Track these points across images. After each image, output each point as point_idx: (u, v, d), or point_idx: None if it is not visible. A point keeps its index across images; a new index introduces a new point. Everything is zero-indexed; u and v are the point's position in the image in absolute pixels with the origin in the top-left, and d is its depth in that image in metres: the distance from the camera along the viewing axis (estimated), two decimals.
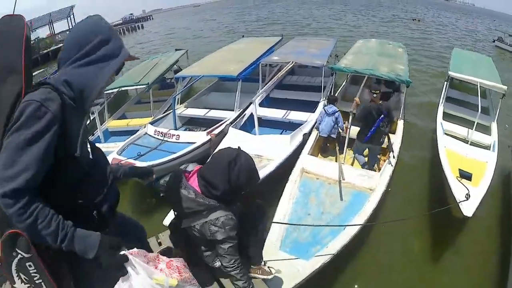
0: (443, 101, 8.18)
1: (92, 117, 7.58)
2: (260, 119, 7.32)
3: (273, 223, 4.35)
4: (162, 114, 8.56)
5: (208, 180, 2.13)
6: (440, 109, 7.81)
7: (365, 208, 4.71)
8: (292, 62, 8.52)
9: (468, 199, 4.36)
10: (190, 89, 11.23)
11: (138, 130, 7.59)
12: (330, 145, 6.88)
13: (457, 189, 4.68)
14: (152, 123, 7.74)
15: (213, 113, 8.13)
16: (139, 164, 5.74)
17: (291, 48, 10.44)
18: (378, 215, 5.14)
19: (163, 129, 7.34)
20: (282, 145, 6.27)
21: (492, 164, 5.62)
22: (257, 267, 2.72)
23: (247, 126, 7.50)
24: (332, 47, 10.41)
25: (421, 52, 18.68)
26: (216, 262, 2.28)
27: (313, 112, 7.52)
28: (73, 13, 38.10)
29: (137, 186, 6.29)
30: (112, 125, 8.47)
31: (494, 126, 7.19)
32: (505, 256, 4.77)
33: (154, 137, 7.25)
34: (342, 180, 5.27)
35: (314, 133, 6.75)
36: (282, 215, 4.69)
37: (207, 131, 6.96)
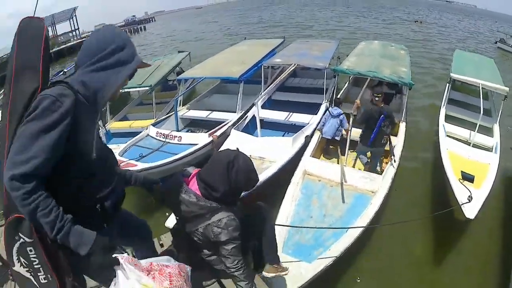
0: (445, 103, 8.16)
1: None
2: (262, 121, 7.34)
3: (276, 225, 4.35)
4: (164, 116, 8.55)
5: (208, 183, 2.13)
6: (442, 111, 7.80)
7: (367, 211, 4.69)
8: (294, 64, 8.52)
9: (471, 201, 4.34)
10: (192, 91, 11.26)
11: (140, 132, 7.58)
12: (333, 147, 6.88)
13: (459, 191, 4.65)
14: (154, 125, 7.74)
15: (215, 115, 8.13)
16: (141, 166, 5.75)
17: (293, 50, 10.43)
18: (381, 218, 5.13)
19: (165, 131, 7.33)
20: (284, 147, 6.26)
21: (495, 166, 5.60)
22: (276, 266, 2.75)
23: (249, 128, 7.49)
24: (334, 49, 10.42)
25: (423, 54, 18.66)
26: (220, 265, 2.29)
27: (315, 114, 7.52)
28: (76, 15, 38.26)
29: (139, 188, 6.27)
30: (114, 127, 8.47)
31: (497, 128, 7.17)
32: (507, 258, 4.77)
33: (156, 139, 7.25)
34: (344, 183, 5.27)
35: (317, 135, 6.74)
36: (285, 218, 4.68)
37: (209, 133, 6.95)
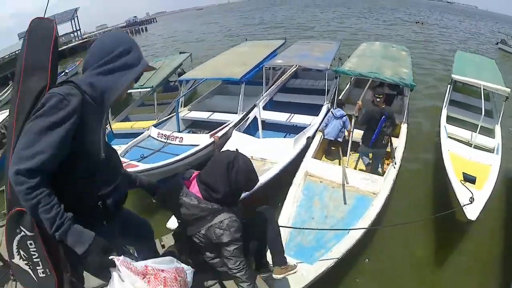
0: (447, 104, 8.16)
1: None
2: (264, 122, 7.33)
3: None
4: (166, 117, 8.56)
5: (209, 184, 2.14)
6: (444, 112, 7.80)
7: (369, 212, 4.69)
8: (296, 66, 8.50)
9: (472, 203, 4.33)
10: (194, 92, 11.27)
11: (142, 133, 7.59)
12: (334, 149, 6.88)
13: (461, 193, 4.64)
14: (156, 126, 7.75)
15: (217, 116, 8.13)
16: (142, 166, 5.77)
17: (295, 52, 10.44)
18: (382, 219, 5.13)
19: (167, 132, 7.35)
20: (286, 149, 6.26)
21: (496, 167, 5.60)
22: (283, 268, 2.76)
23: (251, 129, 7.49)
24: (336, 50, 10.42)
25: (425, 55, 18.64)
26: (223, 267, 2.29)
27: (317, 116, 7.53)
28: (77, 16, 38.32)
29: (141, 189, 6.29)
30: (116, 127, 8.47)
31: (498, 129, 7.16)
32: (509, 260, 4.77)
33: (158, 140, 7.26)
34: (346, 184, 5.26)
35: (318, 136, 6.74)
36: (286, 219, 4.68)
37: (211, 134, 6.96)
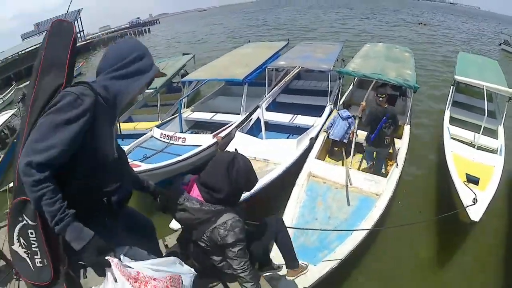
0: (450, 106, 8.14)
1: None
2: (267, 124, 7.34)
3: None
4: (169, 118, 8.60)
5: (210, 185, 2.14)
6: (447, 114, 7.78)
7: (372, 213, 4.70)
8: (299, 67, 8.52)
9: (475, 204, 4.31)
10: (197, 93, 11.31)
11: (145, 133, 7.63)
12: (337, 149, 6.88)
13: (464, 194, 4.64)
14: (159, 126, 7.79)
15: (219, 117, 8.15)
16: (145, 166, 5.78)
17: (298, 53, 10.45)
18: (385, 220, 5.13)
19: (169, 132, 7.38)
20: (289, 150, 6.27)
21: (499, 168, 5.59)
22: (296, 270, 2.81)
23: (254, 130, 7.52)
24: (339, 52, 10.40)
25: (428, 56, 18.57)
26: (229, 269, 2.29)
27: (320, 117, 7.55)
28: (80, 17, 38.51)
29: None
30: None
31: (501, 130, 7.14)
32: None
33: (160, 140, 7.30)
34: (349, 185, 5.26)
35: (321, 137, 6.74)
36: (290, 219, 4.69)
37: (213, 134, 6.99)
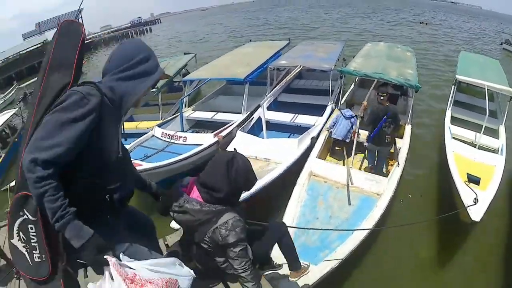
0: (451, 105, 8.14)
1: None
2: (268, 123, 7.36)
3: None
4: (170, 117, 8.62)
5: (210, 184, 2.12)
6: (448, 113, 7.78)
7: (373, 213, 4.70)
8: (300, 66, 8.52)
9: (476, 204, 4.31)
10: (198, 93, 11.31)
11: (146, 133, 7.64)
12: (339, 149, 6.88)
13: (465, 194, 4.64)
14: (160, 126, 7.80)
15: (220, 116, 8.17)
16: (146, 165, 5.79)
17: (299, 52, 10.45)
18: (386, 220, 5.13)
19: (170, 131, 7.39)
20: (290, 149, 6.28)
21: (500, 168, 5.58)
22: (299, 272, 2.87)
23: (255, 130, 7.52)
24: (340, 51, 10.42)
25: (429, 56, 18.56)
26: (232, 270, 2.28)
27: (321, 116, 7.55)
28: (82, 16, 38.45)
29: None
30: None
31: (502, 130, 7.14)
32: None
33: (161, 139, 7.31)
34: (350, 184, 5.27)
35: (322, 137, 6.75)
36: (291, 219, 4.70)
37: (214, 133, 7.00)
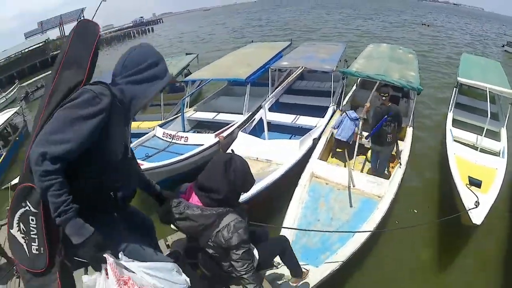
0: (452, 108, 8.13)
1: None
2: (270, 124, 7.37)
3: (283, 228, 4.36)
4: (171, 117, 8.63)
5: (208, 187, 2.10)
6: (450, 116, 7.77)
7: (374, 216, 4.69)
8: (302, 67, 8.52)
9: (477, 207, 4.31)
10: (200, 93, 11.33)
11: (148, 133, 7.65)
12: (340, 151, 6.87)
13: (466, 197, 4.63)
14: (161, 126, 7.81)
15: (222, 117, 8.17)
16: (147, 165, 5.79)
17: (301, 53, 10.47)
18: (387, 222, 5.13)
19: (172, 131, 7.40)
20: (292, 150, 6.28)
21: (502, 171, 5.57)
22: (299, 279, 2.93)
23: (257, 131, 7.52)
24: (342, 52, 10.42)
25: (431, 59, 18.53)
26: (235, 272, 2.27)
27: (323, 117, 7.55)
28: (84, 16, 38.54)
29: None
30: None
31: (504, 132, 7.13)
32: None
33: (163, 139, 7.32)
34: (352, 186, 5.25)
35: (324, 138, 6.75)
36: (292, 220, 4.69)
37: (215, 133, 7.00)
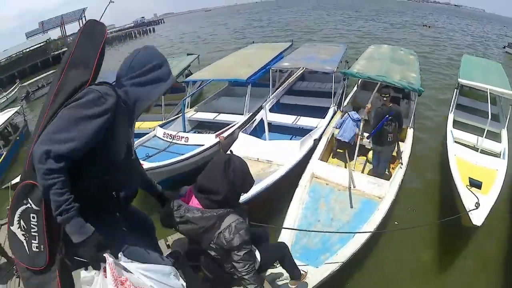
0: (453, 109, 8.12)
1: None
2: (270, 125, 7.38)
3: (283, 229, 4.37)
4: (172, 117, 8.63)
5: (208, 188, 2.10)
6: (450, 117, 7.75)
7: (374, 217, 4.68)
8: (303, 68, 8.52)
9: (478, 208, 4.30)
10: (200, 94, 11.33)
11: (149, 133, 7.65)
12: (341, 151, 6.87)
13: (467, 198, 4.62)
14: (162, 126, 7.82)
15: (223, 117, 8.18)
16: (147, 165, 5.78)
17: (302, 54, 10.47)
18: (387, 223, 5.13)
19: (172, 132, 7.40)
20: (292, 151, 6.28)
21: (502, 172, 5.57)
22: (298, 281, 2.95)
23: (257, 131, 7.52)
24: (343, 53, 10.43)
25: (432, 60, 18.53)
26: (237, 273, 2.24)
27: (323, 118, 7.55)
28: (85, 16, 38.61)
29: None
30: None
31: (505, 133, 7.11)
32: None
33: (163, 139, 7.33)
34: (352, 187, 5.25)
35: (325, 139, 6.75)
36: (292, 221, 4.68)
37: (216, 134, 7.01)
